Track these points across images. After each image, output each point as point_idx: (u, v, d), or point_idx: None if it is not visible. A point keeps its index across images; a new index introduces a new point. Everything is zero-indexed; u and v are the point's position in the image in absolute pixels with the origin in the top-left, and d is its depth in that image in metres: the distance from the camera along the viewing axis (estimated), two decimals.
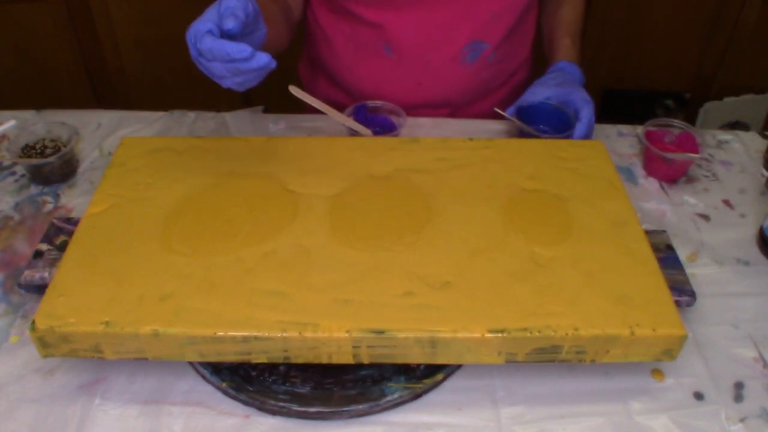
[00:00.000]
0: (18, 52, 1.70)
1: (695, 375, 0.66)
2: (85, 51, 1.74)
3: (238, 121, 0.97)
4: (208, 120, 0.97)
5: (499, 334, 0.58)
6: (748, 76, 1.84)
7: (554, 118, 0.90)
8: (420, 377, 0.63)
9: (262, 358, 0.59)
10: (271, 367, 0.63)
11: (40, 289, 0.65)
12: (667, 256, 0.70)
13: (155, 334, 0.57)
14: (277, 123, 0.97)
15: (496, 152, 0.78)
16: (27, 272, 0.67)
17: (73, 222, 0.72)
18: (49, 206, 0.82)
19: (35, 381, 0.63)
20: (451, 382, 0.65)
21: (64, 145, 0.84)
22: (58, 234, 0.71)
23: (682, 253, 0.77)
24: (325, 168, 0.75)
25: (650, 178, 0.89)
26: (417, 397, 0.63)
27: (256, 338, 0.57)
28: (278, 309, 0.59)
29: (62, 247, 0.68)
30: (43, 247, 0.70)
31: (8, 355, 0.65)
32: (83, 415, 0.61)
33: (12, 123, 0.95)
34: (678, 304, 0.64)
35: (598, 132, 0.94)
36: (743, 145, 0.96)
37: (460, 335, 0.58)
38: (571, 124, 0.87)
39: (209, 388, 0.63)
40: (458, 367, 0.65)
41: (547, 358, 0.60)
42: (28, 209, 0.82)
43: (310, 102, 0.85)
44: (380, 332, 0.57)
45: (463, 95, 1.00)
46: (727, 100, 1.88)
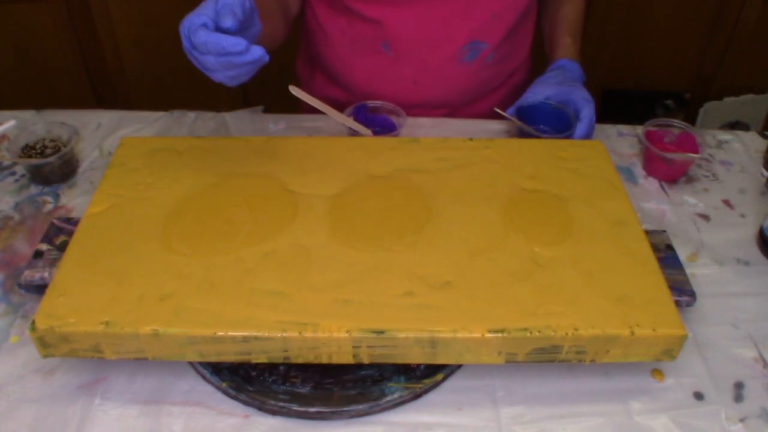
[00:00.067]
0: (18, 52, 1.70)
1: (695, 375, 0.66)
2: (85, 51, 1.74)
3: (238, 121, 0.97)
4: (208, 120, 0.97)
5: (499, 334, 0.58)
6: (748, 76, 1.84)
7: (554, 118, 0.90)
8: (420, 377, 0.63)
9: (262, 358, 0.59)
10: (271, 367, 0.63)
11: (40, 289, 0.65)
12: (667, 256, 0.70)
13: (155, 334, 0.57)
14: (277, 123, 0.97)
15: (496, 152, 0.78)
16: (27, 272, 0.67)
17: (73, 222, 0.72)
18: (49, 206, 0.82)
19: (35, 381, 0.63)
20: (451, 382, 0.65)
21: (64, 145, 0.84)
22: (58, 234, 0.71)
23: (682, 253, 0.77)
24: (325, 168, 0.75)
25: (650, 178, 0.89)
26: (417, 397, 0.63)
27: (256, 338, 0.57)
28: (278, 309, 0.59)
29: (62, 247, 0.68)
30: (43, 247, 0.70)
31: (8, 355, 0.65)
32: (83, 415, 0.61)
33: (12, 123, 0.95)
34: (678, 304, 0.64)
35: (598, 132, 0.94)
36: (743, 145, 0.96)
37: (460, 335, 0.58)
38: (571, 124, 0.87)
39: (209, 388, 0.63)
40: (458, 367, 0.65)
41: (547, 358, 0.60)
42: (28, 209, 0.82)
43: (310, 102, 0.85)
44: (380, 332, 0.57)
45: (460, 96, 1.00)
46: (727, 100, 1.88)
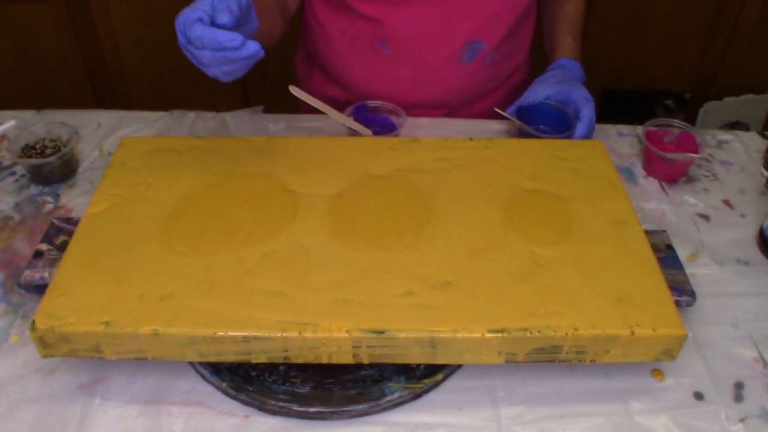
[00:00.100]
0: (18, 52, 1.70)
1: (695, 375, 0.66)
2: (85, 51, 1.74)
3: (238, 121, 0.97)
4: (208, 120, 0.97)
5: (499, 334, 0.58)
6: (748, 76, 1.84)
7: (554, 118, 0.90)
8: (420, 377, 0.63)
9: (262, 358, 0.59)
10: (271, 367, 0.63)
11: (40, 289, 0.65)
12: (667, 256, 0.70)
13: (155, 334, 0.57)
14: (277, 123, 0.97)
15: (496, 152, 0.78)
16: (27, 272, 0.67)
17: (73, 222, 0.72)
18: (49, 206, 0.82)
19: (35, 381, 0.63)
20: (451, 382, 0.65)
21: (64, 145, 0.84)
22: (58, 234, 0.71)
23: (682, 253, 0.77)
24: (325, 168, 0.75)
25: (650, 178, 0.89)
26: (417, 397, 0.63)
27: (256, 338, 0.57)
28: (278, 309, 0.59)
29: (62, 247, 0.68)
30: (43, 247, 0.70)
31: (8, 355, 0.65)
32: (83, 415, 0.61)
33: (12, 123, 0.95)
34: (678, 304, 0.64)
35: (598, 132, 0.94)
36: (743, 145, 0.96)
37: (460, 335, 0.58)
38: (570, 124, 0.87)
39: (209, 388, 0.63)
40: (458, 367, 0.65)
41: (547, 358, 0.60)
42: (28, 209, 0.82)
43: (310, 102, 0.85)
44: (380, 332, 0.57)
45: (459, 96, 1.00)
46: (727, 100, 1.88)
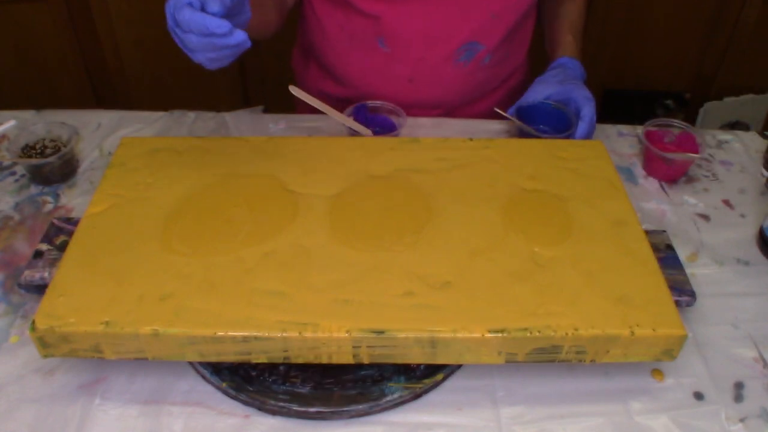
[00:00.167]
0: (18, 52, 1.70)
1: (695, 375, 0.66)
2: (85, 51, 1.74)
3: (238, 121, 0.97)
4: (208, 120, 0.97)
5: (499, 334, 0.58)
6: (748, 76, 1.84)
7: (554, 118, 0.90)
8: (420, 377, 0.63)
9: (262, 358, 0.59)
10: (271, 367, 0.63)
11: (40, 289, 0.65)
12: (667, 256, 0.70)
13: (155, 334, 0.57)
14: (277, 123, 0.97)
15: (496, 152, 0.78)
16: (27, 272, 0.67)
17: (73, 222, 0.72)
18: (49, 206, 0.82)
19: (35, 381, 0.63)
20: (451, 382, 0.65)
21: (64, 145, 0.84)
22: (58, 234, 0.71)
23: (682, 253, 0.77)
24: (325, 168, 0.75)
25: (650, 178, 0.89)
26: (417, 397, 0.63)
27: (256, 338, 0.57)
28: (278, 309, 0.59)
29: (62, 247, 0.68)
30: (43, 247, 0.70)
31: (8, 355, 0.65)
32: (83, 415, 0.61)
33: (12, 123, 0.95)
34: (678, 304, 0.64)
35: (598, 132, 0.94)
36: (743, 145, 0.96)
37: (460, 335, 0.58)
38: (570, 124, 0.87)
39: (209, 388, 0.63)
40: (458, 367, 0.65)
41: (547, 358, 0.60)
42: (28, 209, 0.82)
43: (310, 102, 0.85)
44: (380, 332, 0.57)
45: (456, 96, 1.00)
46: (727, 100, 1.88)
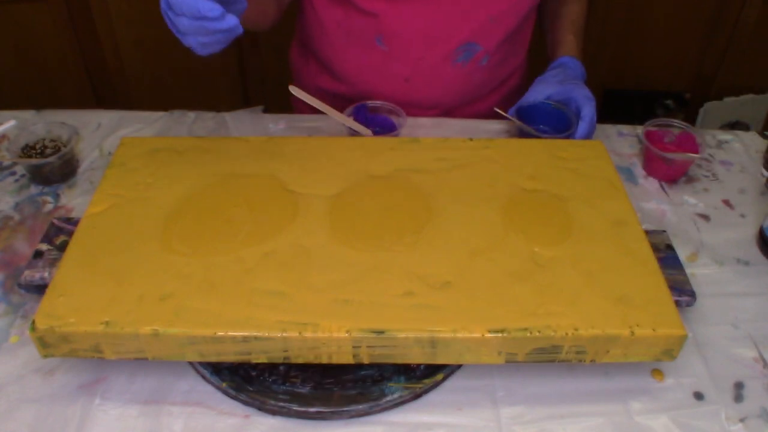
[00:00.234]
0: (18, 52, 1.70)
1: (695, 375, 0.66)
2: (85, 51, 1.74)
3: (238, 121, 0.97)
4: (208, 120, 0.97)
5: (499, 334, 0.58)
6: (748, 76, 1.84)
7: (554, 118, 0.90)
8: (420, 377, 0.63)
9: (262, 358, 0.59)
10: (271, 367, 0.63)
11: (40, 289, 0.65)
12: (667, 256, 0.70)
13: (155, 334, 0.57)
14: (277, 123, 0.97)
15: (496, 152, 0.78)
16: (27, 272, 0.67)
17: (73, 222, 0.72)
18: (49, 206, 0.82)
19: (35, 381, 0.63)
20: (451, 382, 0.65)
21: (64, 145, 0.84)
22: (58, 234, 0.71)
23: (682, 253, 0.77)
24: (325, 168, 0.75)
25: (650, 178, 0.89)
26: (417, 397, 0.63)
27: (256, 338, 0.57)
28: (278, 309, 0.59)
29: (62, 247, 0.68)
30: (43, 247, 0.70)
31: (8, 355, 0.65)
32: (83, 415, 0.61)
33: (12, 123, 0.95)
34: (678, 304, 0.64)
35: (598, 132, 0.94)
36: (743, 145, 0.96)
37: (460, 335, 0.58)
38: (571, 124, 0.87)
39: (209, 388, 0.63)
40: (458, 367, 0.65)
41: (547, 358, 0.60)
42: (28, 209, 0.82)
43: (310, 102, 0.85)
44: (380, 332, 0.57)
45: (451, 97, 1.00)
46: (727, 100, 1.88)
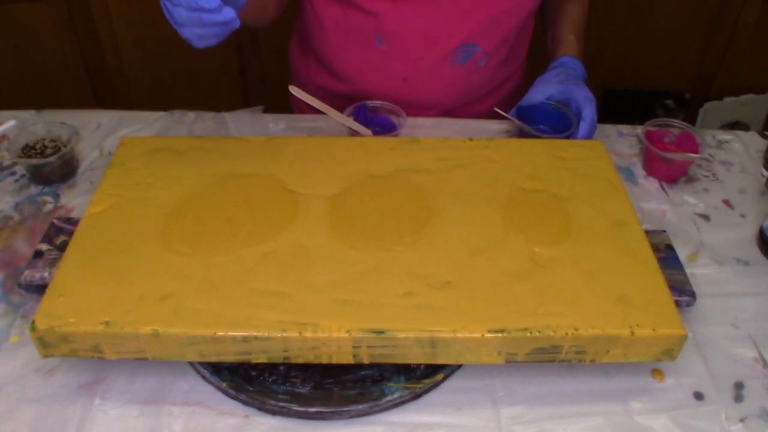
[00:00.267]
0: (18, 52, 1.70)
1: (695, 375, 0.66)
2: (85, 51, 1.74)
3: (238, 121, 0.97)
4: (208, 120, 0.97)
5: (499, 334, 0.58)
6: (748, 76, 1.84)
7: (554, 118, 0.90)
8: (420, 377, 0.63)
9: (262, 358, 0.59)
10: (271, 367, 0.63)
11: (40, 289, 0.65)
12: (667, 256, 0.70)
13: (155, 334, 0.57)
14: (277, 123, 0.97)
15: (496, 152, 0.78)
16: (27, 272, 0.67)
17: (73, 222, 0.72)
18: (49, 206, 0.82)
19: (35, 381, 0.63)
20: (451, 382, 0.65)
21: (64, 145, 0.84)
22: (58, 234, 0.71)
23: (682, 253, 0.77)
24: (325, 168, 0.75)
25: (650, 178, 0.89)
26: (417, 397, 0.63)
27: (256, 338, 0.57)
28: (278, 309, 0.59)
29: (62, 247, 0.68)
30: (43, 247, 0.70)
31: (8, 355, 0.65)
32: (83, 415, 0.61)
33: (12, 123, 0.95)
34: (678, 304, 0.64)
35: (598, 132, 0.94)
36: (743, 145, 0.96)
37: (460, 335, 0.58)
38: (571, 124, 0.87)
39: (209, 388, 0.63)
40: (458, 367, 0.65)
41: (547, 358, 0.60)
42: (28, 209, 0.82)
43: (309, 102, 0.85)
44: (380, 332, 0.57)
45: (450, 97, 1.00)
46: (727, 100, 1.88)
